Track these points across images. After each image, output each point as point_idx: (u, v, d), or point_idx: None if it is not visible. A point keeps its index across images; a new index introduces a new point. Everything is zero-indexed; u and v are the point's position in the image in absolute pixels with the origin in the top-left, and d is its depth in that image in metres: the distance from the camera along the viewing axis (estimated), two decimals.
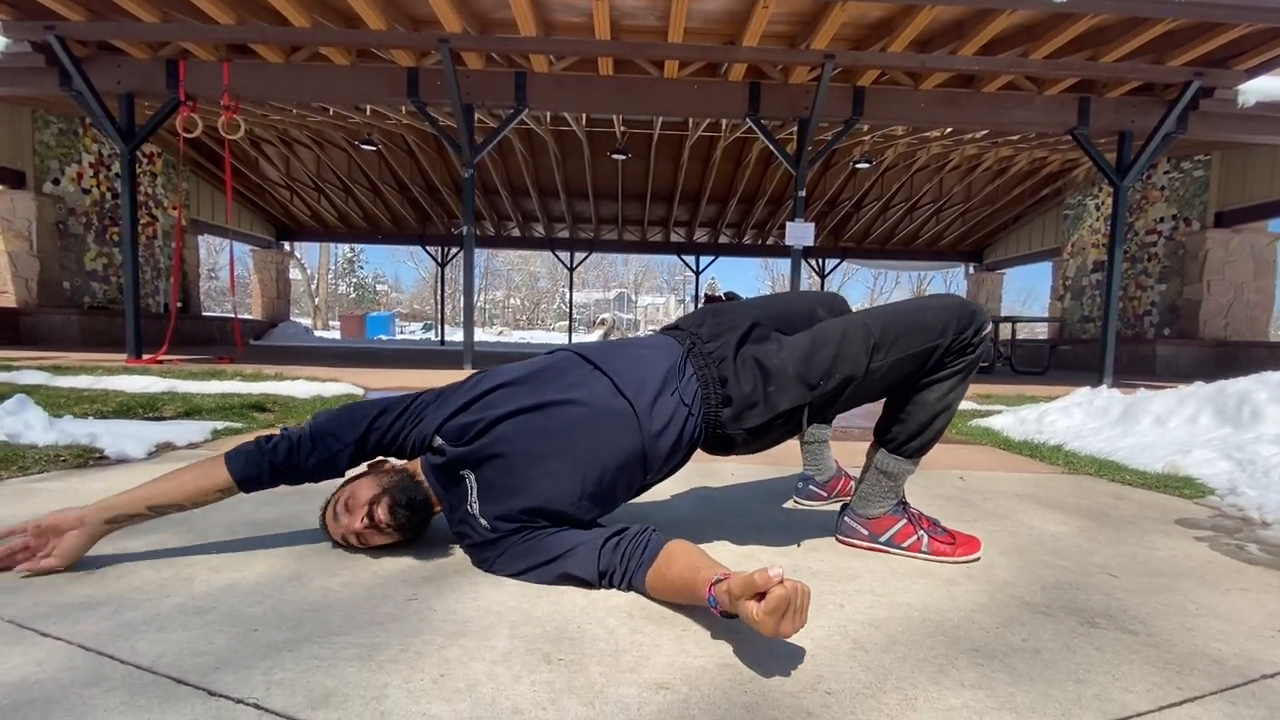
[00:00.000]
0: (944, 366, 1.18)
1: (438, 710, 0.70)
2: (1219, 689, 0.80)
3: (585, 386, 1.14)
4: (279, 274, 14.78)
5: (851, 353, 1.14)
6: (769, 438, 1.20)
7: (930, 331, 1.16)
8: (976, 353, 1.19)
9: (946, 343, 1.16)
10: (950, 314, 1.17)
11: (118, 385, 3.60)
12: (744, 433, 1.16)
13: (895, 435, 1.24)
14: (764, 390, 1.14)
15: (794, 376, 1.14)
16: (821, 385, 1.14)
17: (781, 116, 6.31)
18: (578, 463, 1.08)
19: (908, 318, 1.18)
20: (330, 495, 1.21)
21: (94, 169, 9.01)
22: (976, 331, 1.18)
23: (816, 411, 1.17)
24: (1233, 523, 1.60)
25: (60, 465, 1.81)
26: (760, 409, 1.14)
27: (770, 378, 1.14)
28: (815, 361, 1.14)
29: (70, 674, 0.75)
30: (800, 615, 0.78)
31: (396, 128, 9.68)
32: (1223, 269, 8.30)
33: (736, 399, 1.15)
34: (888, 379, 1.18)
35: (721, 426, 1.16)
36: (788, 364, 1.14)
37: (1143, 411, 2.73)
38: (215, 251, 30.15)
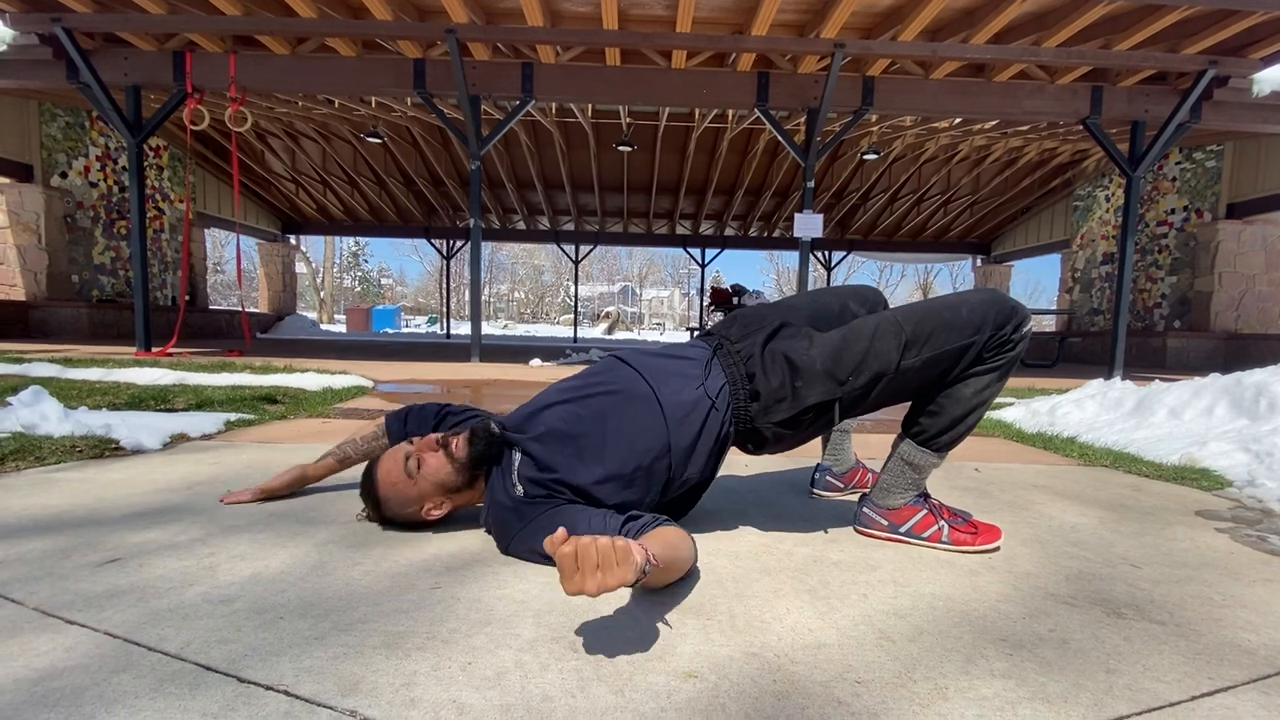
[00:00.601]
0: (982, 362, 1.16)
1: (468, 698, 0.70)
2: (1251, 679, 0.79)
3: (617, 378, 1.21)
4: (285, 267, 14.81)
5: (882, 349, 1.14)
6: (801, 433, 1.20)
7: (966, 329, 1.14)
8: (1017, 349, 1.16)
9: (984, 339, 1.14)
10: (988, 310, 1.15)
11: (129, 378, 3.61)
12: (773, 427, 1.16)
13: (925, 428, 1.22)
14: (791, 385, 1.14)
15: (822, 372, 1.14)
16: (851, 381, 1.14)
17: (790, 107, 6.26)
18: (604, 443, 1.13)
19: (943, 315, 1.16)
20: (366, 488, 1.25)
21: (101, 162, 9.02)
22: (1016, 328, 1.15)
23: (847, 408, 1.17)
24: (1253, 514, 1.58)
25: (77, 456, 1.81)
26: (788, 403, 1.14)
27: (798, 373, 1.15)
28: (845, 358, 1.15)
29: (98, 661, 0.75)
30: (601, 573, 0.73)
31: (402, 120, 9.66)
32: (1234, 261, 8.22)
33: (764, 393, 1.16)
34: (922, 376, 1.16)
35: (750, 420, 1.18)
36: (816, 360, 1.15)
37: (1157, 404, 2.71)
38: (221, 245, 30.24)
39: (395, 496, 1.20)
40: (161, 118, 5.95)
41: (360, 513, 1.30)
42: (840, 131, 6.37)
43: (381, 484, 1.21)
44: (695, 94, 6.32)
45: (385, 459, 1.23)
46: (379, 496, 1.21)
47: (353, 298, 38.65)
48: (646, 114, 9.29)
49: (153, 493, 1.47)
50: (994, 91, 6.16)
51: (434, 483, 1.18)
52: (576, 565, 0.73)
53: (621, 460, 1.12)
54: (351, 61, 6.08)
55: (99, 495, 1.44)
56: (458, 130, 6.26)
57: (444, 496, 1.20)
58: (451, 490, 1.19)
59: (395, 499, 1.20)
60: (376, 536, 1.21)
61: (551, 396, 1.24)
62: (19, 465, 1.69)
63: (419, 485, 1.18)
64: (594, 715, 0.67)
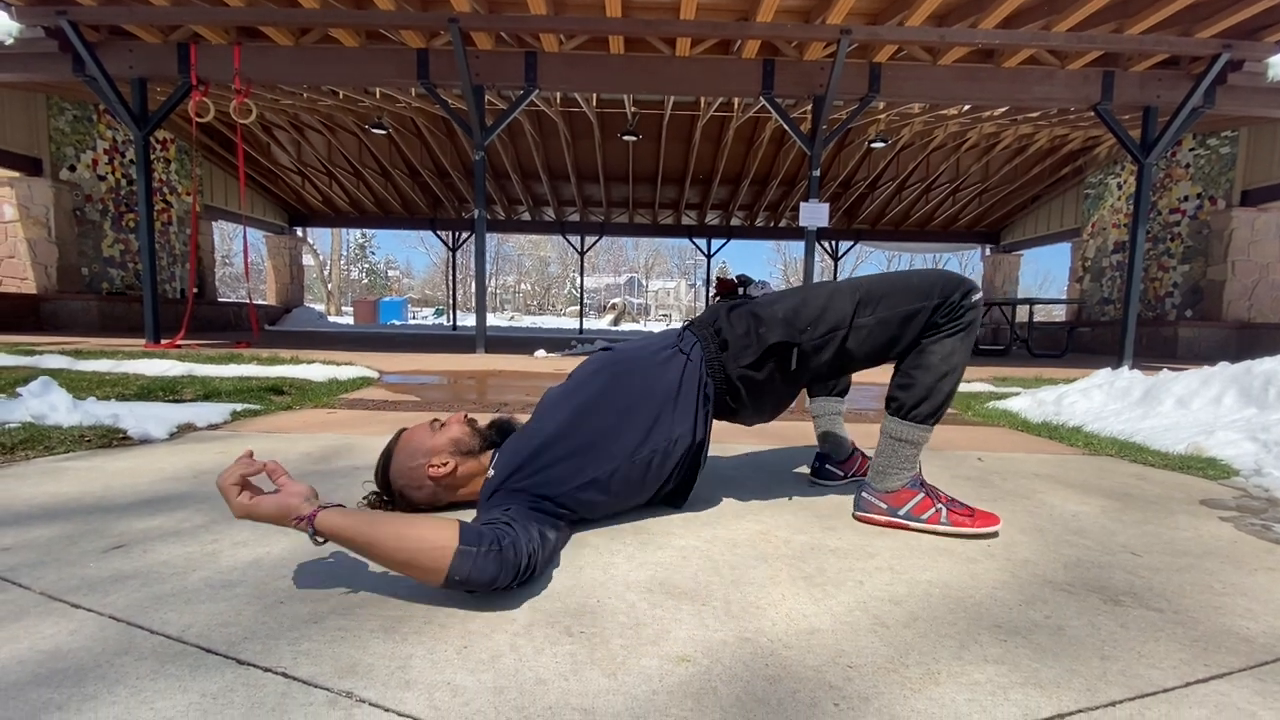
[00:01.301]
0: (938, 328, 1.24)
1: (462, 680, 0.71)
2: (1248, 666, 0.79)
3: (602, 364, 1.31)
4: (292, 260, 14.88)
5: (837, 304, 1.27)
6: (769, 389, 1.29)
7: (915, 292, 1.25)
8: (969, 315, 1.24)
9: (934, 303, 1.23)
10: (935, 279, 1.26)
11: (138, 369, 3.65)
12: (741, 371, 1.26)
13: (902, 400, 1.27)
14: (756, 331, 1.27)
15: (782, 320, 1.27)
16: (809, 331, 1.26)
17: (796, 94, 6.20)
18: (579, 402, 1.23)
19: (895, 280, 1.29)
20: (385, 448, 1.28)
21: (109, 155, 9.08)
22: (965, 295, 1.24)
23: (807, 358, 1.26)
24: (1259, 503, 1.57)
25: (85, 445, 1.84)
26: (753, 347, 1.26)
27: (761, 321, 1.28)
28: (804, 311, 1.28)
29: (102, 643, 0.76)
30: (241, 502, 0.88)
31: (406, 111, 9.65)
32: (1248, 249, 8.10)
33: (731, 340, 1.28)
34: (876, 337, 1.25)
35: (723, 369, 1.28)
36: (778, 311, 1.28)
37: (1165, 393, 2.69)
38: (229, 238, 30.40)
39: (409, 447, 1.24)
40: (167, 110, 5.98)
41: (362, 501, 1.32)
42: (847, 119, 6.31)
43: (401, 439, 1.27)
44: (700, 82, 6.28)
45: (414, 425, 1.31)
46: (394, 450, 1.25)
47: (360, 290, 38.81)
48: (651, 103, 9.23)
49: (158, 481, 1.49)
50: (1003, 77, 6.08)
51: (449, 438, 1.25)
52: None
53: (591, 407, 1.21)
54: (355, 52, 6.07)
55: (106, 484, 1.46)
56: (462, 121, 6.25)
57: (452, 456, 1.23)
58: (462, 451, 1.24)
59: (408, 449, 1.24)
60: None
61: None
62: (29, 454, 1.71)
63: (435, 439, 1.24)
64: (586, 698, 0.68)
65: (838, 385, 1.63)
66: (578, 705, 0.67)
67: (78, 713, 0.63)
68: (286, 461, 1.68)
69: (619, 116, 9.77)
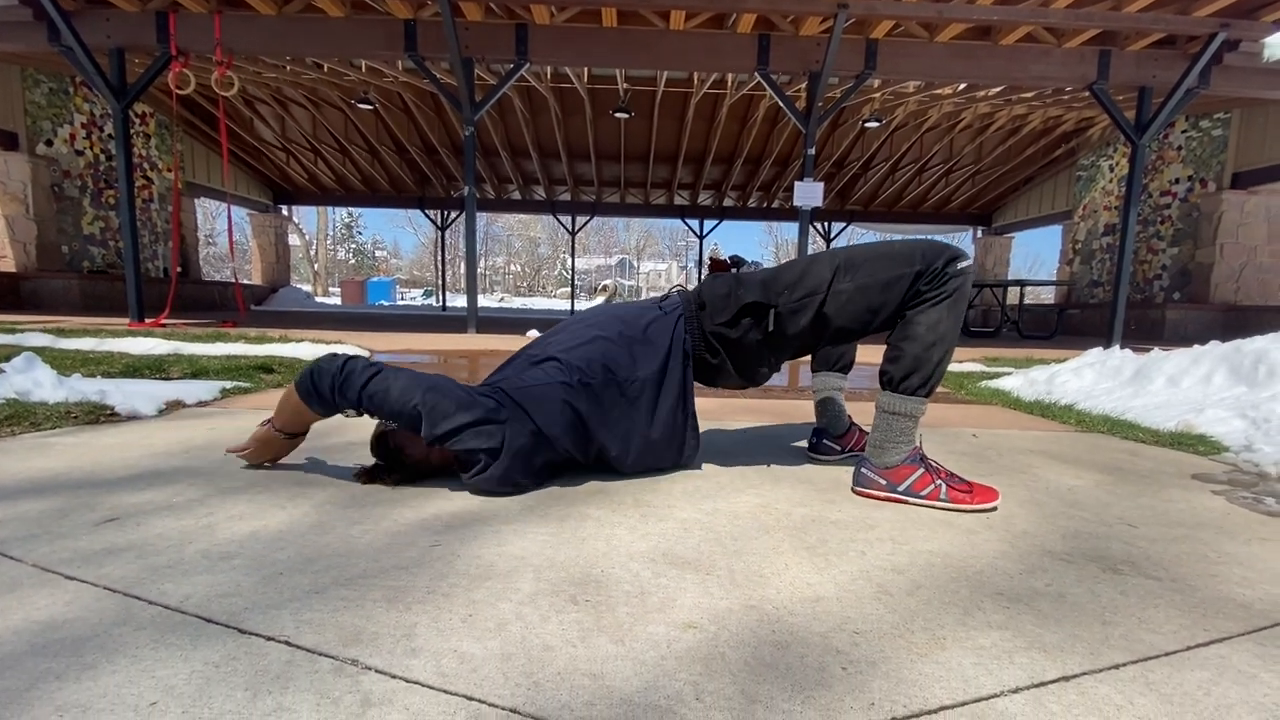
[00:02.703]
0: (921, 296, 1.24)
1: (468, 648, 0.70)
2: (1247, 630, 0.80)
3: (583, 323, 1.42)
4: (277, 238, 14.63)
5: (816, 270, 1.28)
6: (744, 350, 1.32)
7: (897, 259, 1.24)
8: (953, 282, 1.23)
9: (916, 269, 1.23)
10: (918, 245, 1.26)
11: (122, 347, 3.58)
12: (719, 330, 1.31)
13: (891, 373, 1.28)
14: (735, 293, 1.31)
15: (759, 282, 1.31)
16: (786, 294, 1.28)
17: (791, 70, 6.12)
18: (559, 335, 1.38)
19: (877, 248, 1.30)
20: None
21: (87, 129, 8.83)
22: (949, 261, 1.23)
23: (784, 321, 1.28)
24: (1249, 478, 1.59)
25: (72, 421, 1.80)
26: (730, 307, 1.30)
27: (740, 283, 1.32)
28: (783, 275, 1.31)
29: (98, 614, 0.75)
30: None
31: (393, 85, 9.43)
32: (1237, 232, 8.16)
33: (710, 300, 1.33)
34: (859, 302, 1.26)
35: (699, 326, 1.33)
36: (756, 275, 1.33)
37: (1155, 371, 2.71)
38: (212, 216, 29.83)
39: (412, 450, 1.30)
40: (146, 81, 5.80)
41: (358, 474, 1.30)
42: (842, 97, 6.25)
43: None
44: (694, 57, 6.17)
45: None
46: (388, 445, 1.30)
47: (347, 270, 38.32)
48: (644, 79, 9.09)
49: (149, 456, 1.47)
50: (1000, 55, 6.03)
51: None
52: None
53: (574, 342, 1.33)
54: (340, 22, 5.90)
55: (95, 459, 1.44)
56: (450, 95, 6.12)
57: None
58: None
59: (408, 458, 1.30)
60: (375, 497, 1.21)
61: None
62: (14, 430, 1.68)
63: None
64: (595, 663, 0.68)
65: (840, 360, 1.62)
66: (587, 670, 0.66)
67: (77, 681, 0.62)
68: None
69: (611, 93, 9.61)
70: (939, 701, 0.63)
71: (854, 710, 0.62)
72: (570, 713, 0.60)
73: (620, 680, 0.65)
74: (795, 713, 0.61)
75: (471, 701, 0.61)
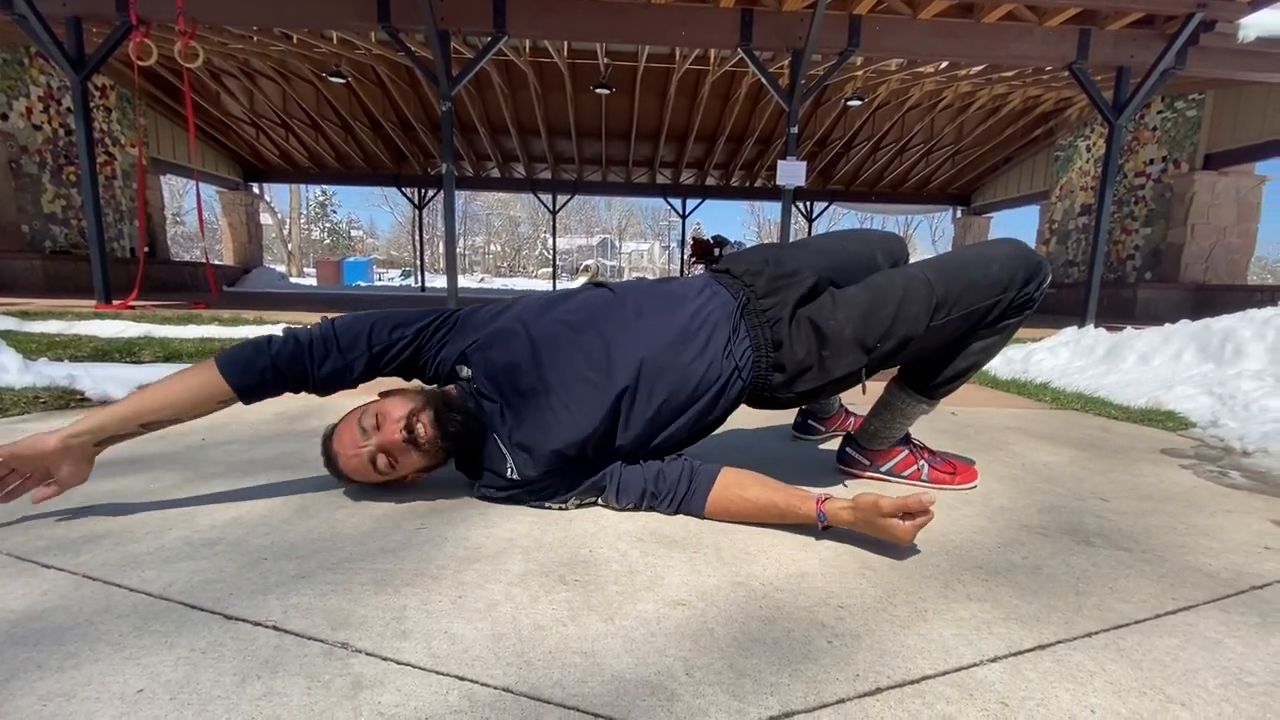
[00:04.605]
0: (1001, 318, 1.12)
1: (458, 629, 0.70)
2: (1212, 599, 0.84)
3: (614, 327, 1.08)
4: (249, 217, 14.22)
5: (912, 312, 1.06)
6: (820, 397, 1.16)
7: (995, 287, 1.09)
8: (1034, 308, 1.14)
9: (1010, 297, 1.10)
10: (1017, 266, 1.10)
11: (90, 330, 3.48)
12: (794, 396, 1.11)
13: (923, 376, 1.20)
14: (819, 355, 1.06)
15: (851, 340, 1.06)
16: (879, 348, 1.07)
17: (774, 47, 6.05)
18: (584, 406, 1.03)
19: (972, 273, 1.10)
20: (332, 425, 1.10)
21: (44, 103, 8.43)
22: (1039, 285, 1.12)
23: (873, 372, 1.11)
24: (1215, 452, 1.65)
25: (41, 407, 1.75)
26: (814, 374, 1.07)
27: (826, 342, 1.06)
28: (874, 323, 1.06)
29: (78, 602, 0.74)
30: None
31: (366, 58, 9.14)
32: (1207, 212, 8.33)
33: (789, 364, 1.07)
34: (944, 334, 1.11)
35: (770, 390, 1.10)
36: (844, 326, 1.06)
37: (1128, 350, 2.78)
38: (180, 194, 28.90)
39: (368, 483, 1.09)
40: (106, 52, 5.55)
41: None
42: (825, 75, 6.20)
43: (348, 470, 1.06)
44: (676, 32, 6.07)
45: (345, 450, 1.04)
46: (347, 476, 1.08)
47: (322, 250, 37.47)
48: (625, 55, 8.93)
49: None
50: (981, 33, 6.02)
51: (414, 470, 1.07)
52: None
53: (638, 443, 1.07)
54: None
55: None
56: (426, 69, 5.95)
57: (424, 473, 1.11)
58: (433, 468, 1.09)
59: (369, 483, 1.09)
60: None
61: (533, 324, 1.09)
62: None
63: (395, 475, 1.06)
64: (585, 641, 0.68)
65: None
66: (577, 649, 0.67)
67: (60, 670, 0.61)
68: (259, 421, 1.65)
69: (591, 68, 9.43)
70: (921, 671, 0.65)
71: (840, 681, 0.63)
72: (562, 690, 0.60)
73: (611, 658, 0.66)
74: (783, 685, 0.62)
75: (463, 682, 0.61)
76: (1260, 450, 1.60)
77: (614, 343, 1.05)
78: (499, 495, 1.07)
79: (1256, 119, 7.81)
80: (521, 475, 1.03)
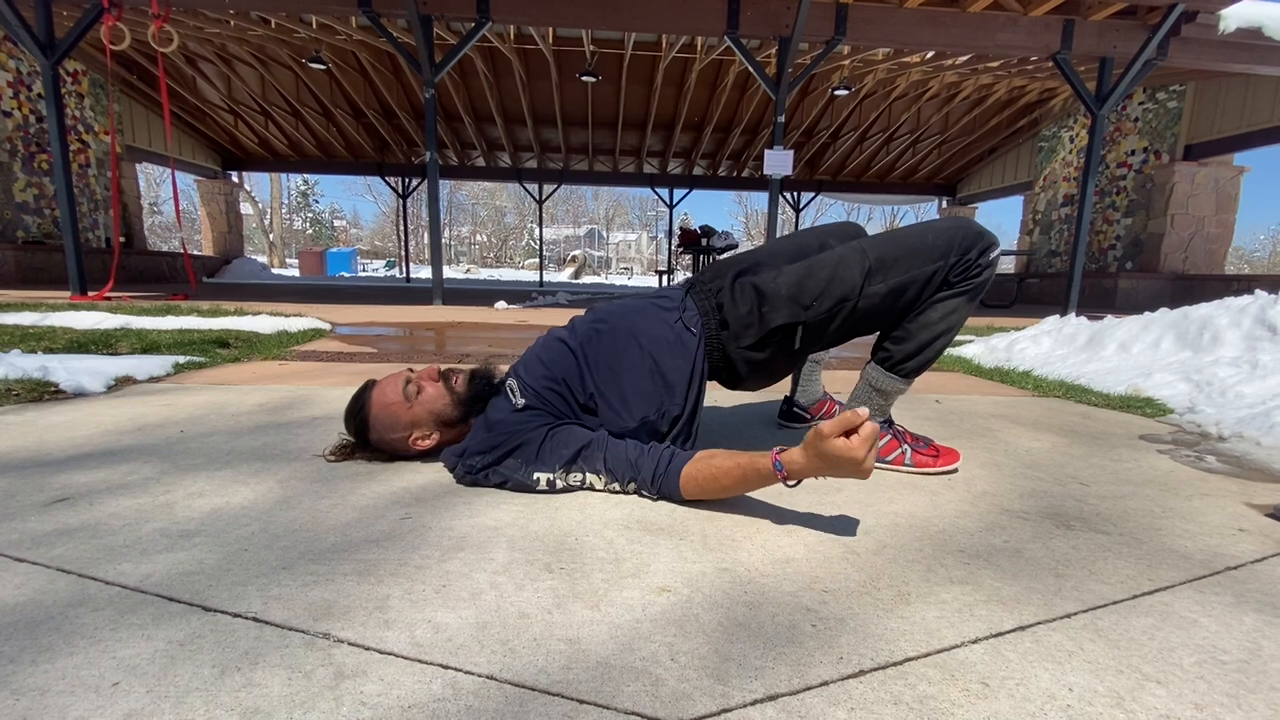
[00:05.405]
0: (949, 286, 1.18)
1: (442, 618, 0.70)
2: (1187, 579, 0.85)
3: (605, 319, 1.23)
4: (228, 207, 13.96)
5: (845, 275, 1.16)
6: (770, 362, 1.22)
7: (932, 254, 1.16)
8: (984, 274, 1.17)
9: (950, 263, 1.16)
10: (954, 234, 1.16)
11: (65, 322, 3.40)
12: (742, 352, 1.19)
13: (892, 353, 1.24)
14: (759, 310, 1.18)
15: (786, 297, 1.17)
16: (815, 306, 1.17)
17: (761, 35, 6.03)
18: (600, 373, 1.17)
19: (908, 241, 1.19)
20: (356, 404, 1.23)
21: (14, 89, 8.19)
22: (983, 252, 1.16)
23: (812, 331, 1.19)
24: (1192, 438, 1.68)
25: (13, 400, 1.71)
26: (755, 328, 1.18)
27: (764, 298, 1.18)
28: (809, 284, 1.17)
29: (53, 596, 0.72)
30: (875, 453, 0.87)
31: (347, 44, 8.97)
32: (1187, 203, 8.45)
33: (733, 321, 1.19)
34: (887, 302, 1.17)
35: (723, 348, 1.20)
36: (781, 286, 1.18)
37: (1108, 338, 2.82)
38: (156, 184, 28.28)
39: (386, 418, 1.19)
40: (76, 37, 5.39)
41: (327, 452, 1.27)
42: (812, 64, 6.19)
43: (375, 403, 1.19)
44: (662, 19, 6.02)
45: (384, 381, 1.22)
46: (369, 416, 1.20)
47: (304, 240, 36.94)
48: (611, 42, 8.85)
49: (99, 434, 1.41)
50: (967, 23, 6.04)
51: (429, 411, 1.18)
52: (874, 439, 0.86)
53: (617, 392, 1.15)
54: None
55: (40, 438, 1.37)
56: (409, 55, 5.86)
57: (435, 428, 1.20)
58: (444, 423, 1.19)
59: (386, 420, 1.19)
60: (342, 472, 1.19)
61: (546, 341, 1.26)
62: None
63: (414, 411, 1.18)
64: (571, 629, 0.68)
65: None
66: (562, 636, 0.67)
67: (33, 664, 0.60)
68: (240, 413, 1.63)
69: (577, 55, 9.33)
70: (904, 654, 0.66)
71: (823, 665, 0.64)
72: (547, 677, 0.60)
73: (596, 644, 0.66)
74: (767, 669, 0.62)
75: (447, 670, 0.61)
76: (1235, 435, 1.63)
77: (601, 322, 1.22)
78: (491, 459, 1.09)
79: (1235, 110, 7.93)
80: (524, 398, 1.13)
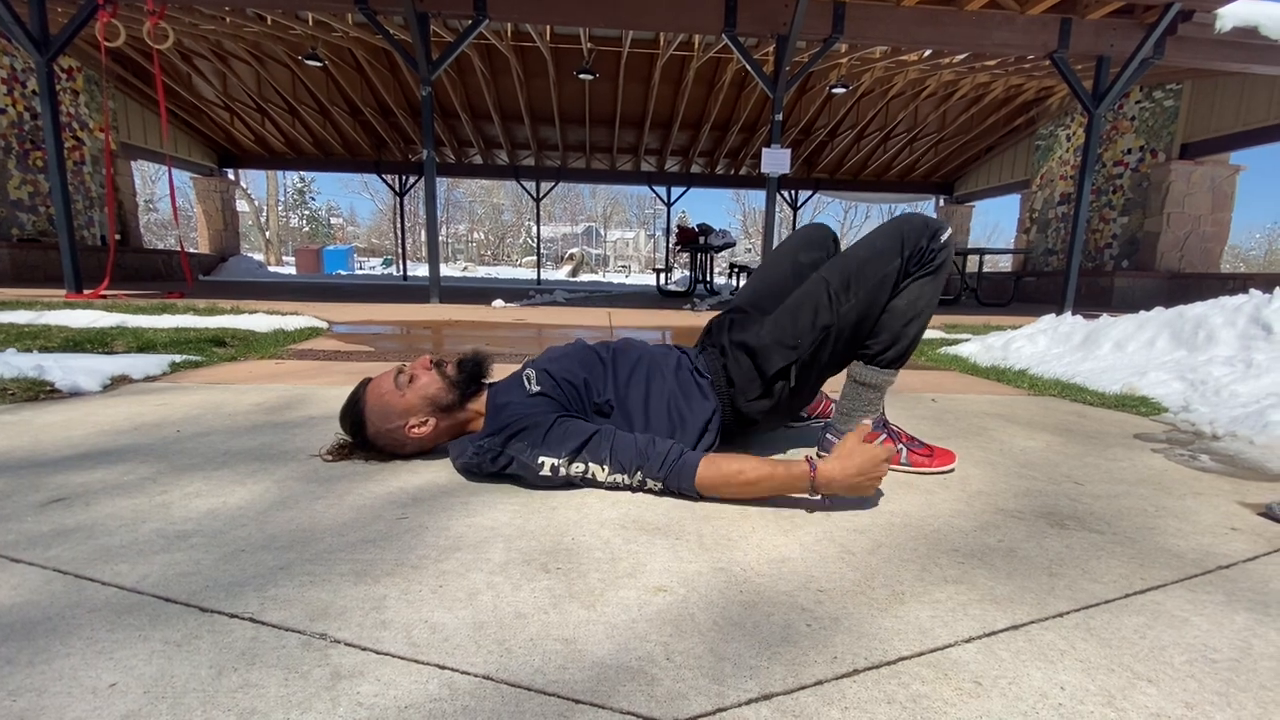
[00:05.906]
0: (908, 275, 1.23)
1: (439, 618, 0.70)
2: (1179, 578, 0.86)
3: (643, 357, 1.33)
4: (225, 204, 13.90)
5: (818, 306, 1.25)
6: (779, 403, 1.29)
7: (887, 254, 1.22)
8: (940, 256, 1.22)
9: (907, 254, 1.21)
10: (901, 231, 1.22)
11: (61, 320, 3.39)
12: (753, 405, 1.29)
13: (869, 347, 1.27)
14: (755, 365, 1.27)
15: (773, 344, 1.26)
16: (803, 344, 1.25)
17: (759, 33, 6.02)
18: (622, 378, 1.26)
19: (859, 254, 1.25)
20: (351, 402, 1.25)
21: (8, 85, 8.14)
22: (933, 237, 1.21)
23: (808, 365, 1.26)
24: (1186, 436, 1.69)
25: (9, 399, 1.71)
26: (758, 382, 1.27)
27: (756, 354, 1.27)
28: (789, 327, 1.26)
29: (49, 597, 0.72)
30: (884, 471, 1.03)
31: (344, 41, 8.94)
32: (1183, 201, 8.47)
33: (738, 379, 1.28)
34: (863, 311, 1.24)
35: (733, 402, 1.29)
36: (766, 338, 1.27)
37: (1103, 337, 2.83)
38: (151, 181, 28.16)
39: (380, 408, 1.20)
40: (72, 32, 5.36)
41: (324, 451, 1.27)
42: (809, 62, 6.19)
43: (370, 396, 1.21)
44: (660, 16, 6.01)
45: (378, 377, 1.24)
46: (364, 410, 1.21)
47: (301, 238, 36.79)
48: (609, 39, 8.83)
49: (95, 434, 1.40)
50: (964, 21, 6.04)
51: (423, 396, 1.19)
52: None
53: (637, 407, 1.23)
54: None
55: (36, 437, 1.37)
56: (405, 53, 5.84)
57: (430, 415, 1.20)
58: (440, 408, 1.20)
59: (381, 410, 1.20)
60: (338, 472, 1.19)
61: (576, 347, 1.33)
62: None
63: (407, 398, 1.19)
64: (567, 629, 0.69)
65: None
66: (559, 636, 0.67)
67: (29, 665, 0.60)
68: (237, 413, 1.63)
69: (574, 53, 9.31)
70: (898, 653, 0.66)
71: (818, 664, 0.64)
72: (543, 677, 0.60)
73: (592, 644, 0.66)
74: (762, 669, 0.63)
75: (444, 670, 0.61)
76: (1229, 434, 1.64)
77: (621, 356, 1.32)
78: (500, 439, 1.10)
79: (1231, 109, 7.94)
80: (540, 385, 1.17)
